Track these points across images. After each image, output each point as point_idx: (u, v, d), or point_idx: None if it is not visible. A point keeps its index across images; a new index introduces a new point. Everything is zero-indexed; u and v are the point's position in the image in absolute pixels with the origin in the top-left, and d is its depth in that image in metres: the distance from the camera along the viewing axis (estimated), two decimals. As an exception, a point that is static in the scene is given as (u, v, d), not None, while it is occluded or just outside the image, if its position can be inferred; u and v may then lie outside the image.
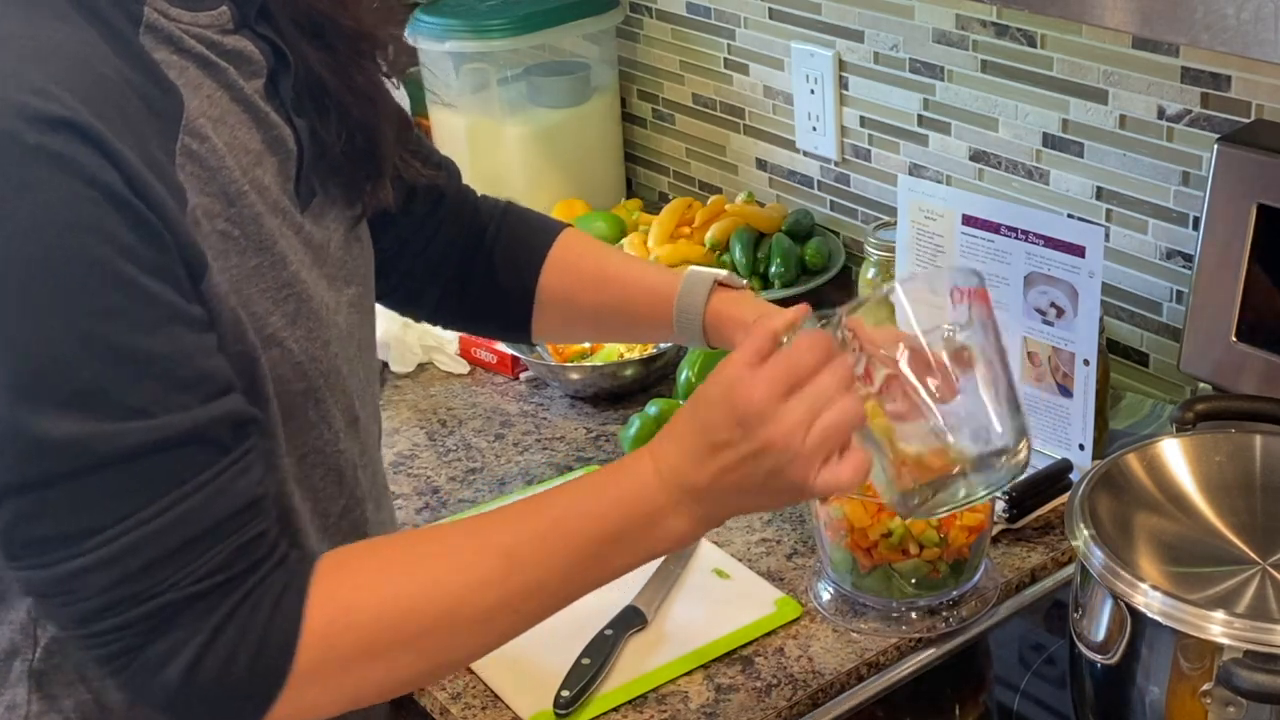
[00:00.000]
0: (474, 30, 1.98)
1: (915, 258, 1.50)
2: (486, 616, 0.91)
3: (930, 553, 1.22)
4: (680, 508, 0.93)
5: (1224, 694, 0.95)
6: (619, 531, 0.93)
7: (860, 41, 1.76)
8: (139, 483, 0.81)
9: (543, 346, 1.69)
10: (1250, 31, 0.86)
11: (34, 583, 0.83)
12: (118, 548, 0.81)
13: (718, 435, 0.91)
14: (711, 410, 0.92)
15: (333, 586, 0.89)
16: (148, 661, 0.84)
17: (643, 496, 0.93)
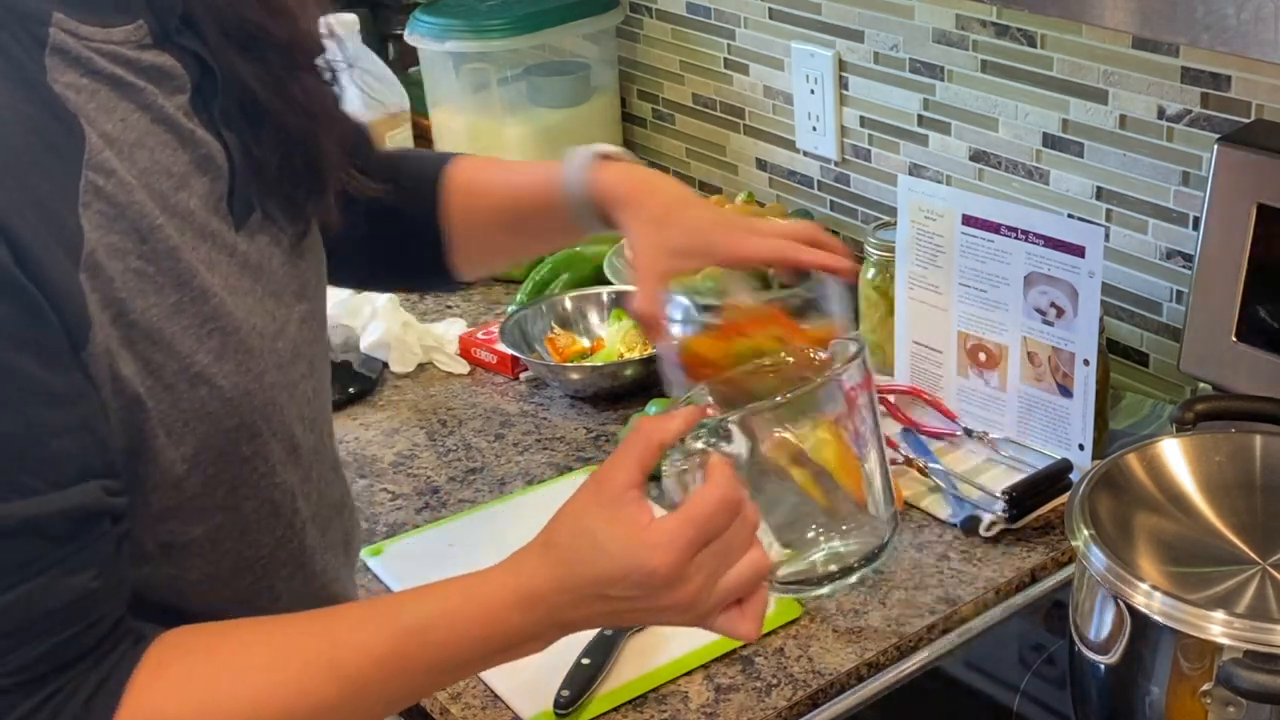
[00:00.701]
0: (474, 30, 1.98)
1: (915, 258, 1.50)
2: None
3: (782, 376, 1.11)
4: (545, 634, 0.91)
5: (1224, 694, 0.95)
6: (469, 659, 0.91)
7: (860, 41, 1.76)
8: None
9: (543, 346, 1.69)
10: (1250, 31, 0.86)
11: None
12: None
13: (612, 590, 0.89)
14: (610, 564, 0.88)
15: (148, 689, 0.83)
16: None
17: (505, 629, 0.90)
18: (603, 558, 0.89)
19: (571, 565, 0.89)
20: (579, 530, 0.90)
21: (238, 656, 0.87)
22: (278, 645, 0.88)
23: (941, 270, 1.48)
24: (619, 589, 0.89)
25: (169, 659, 0.85)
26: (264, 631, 0.90)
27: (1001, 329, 1.44)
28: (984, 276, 1.44)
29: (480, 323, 1.81)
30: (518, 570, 0.91)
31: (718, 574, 0.90)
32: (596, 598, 0.89)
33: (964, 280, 1.46)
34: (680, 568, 0.88)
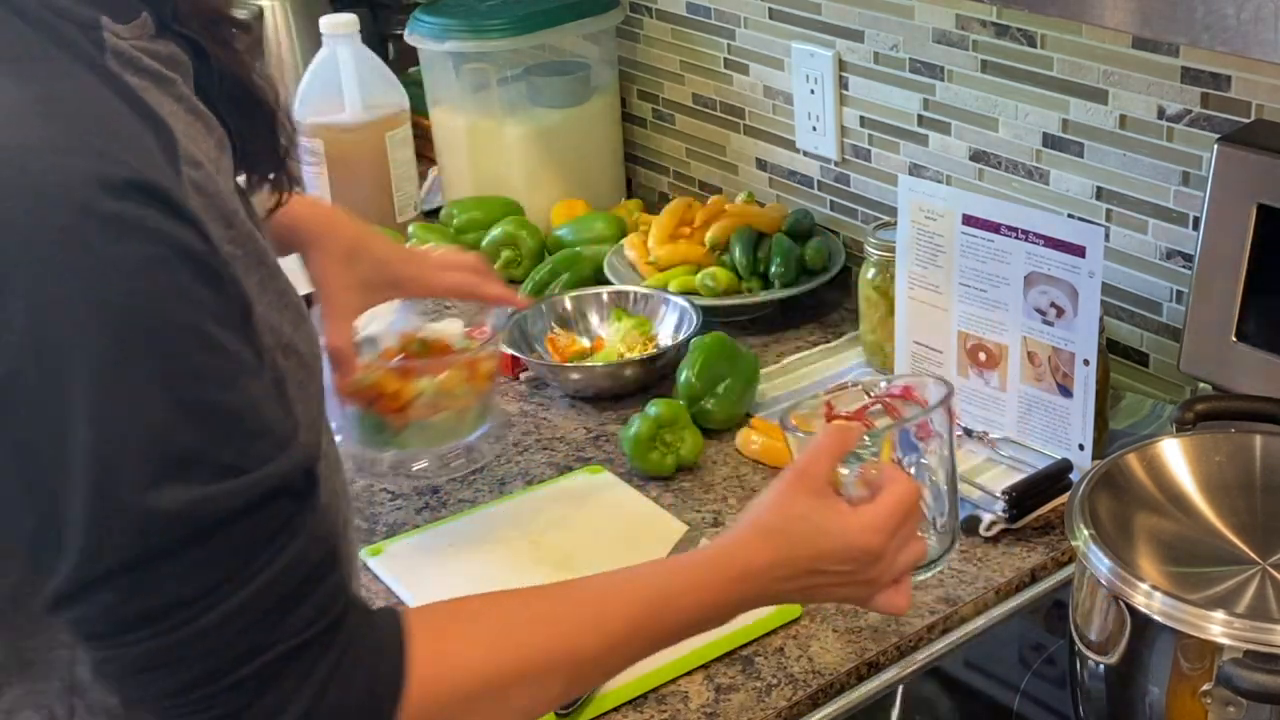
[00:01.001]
0: (474, 30, 1.98)
1: (915, 257, 1.50)
2: (573, 683, 0.96)
3: (462, 401, 1.36)
4: (756, 604, 1.02)
5: (1224, 694, 0.95)
6: (697, 625, 1.00)
7: (860, 41, 1.76)
8: (242, 540, 0.80)
9: (543, 346, 1.69)
10: (1250, 31, 0.86)
11: (141, 657, 0.80)
12: (230, 606, 0.80)
13: (828, 565, 1.01)
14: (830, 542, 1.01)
15: (435, 637, 0.89)
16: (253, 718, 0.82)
17: (729, 599, 1.00)
18: (823, 537, 1.01)
19: (792, 545, 1.01)
20: (793, 515, 1.02)
21: (507, 613, 0.94)
22: (547, 608, 0.96)
23: (941, 270, 1.48)
24: (834, 564, 1.01)
25: (437, 617, 0.92)
26: (515, 595, 0.97)
27: (1001, 329, 1.44)
28: (984, 276, 1.44)
29: (479, 323, 1.81)
30: (743, 548, 1.01)
31: (899, 556, 1.03)
32: (811, 573, 1.01)
33: (964, 280, 1.46)
34: (884, 547, 1.01)
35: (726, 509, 1.43)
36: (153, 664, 0.80)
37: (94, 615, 0.79)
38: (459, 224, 1.98)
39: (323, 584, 0.84)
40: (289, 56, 2.22)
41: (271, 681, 0.82)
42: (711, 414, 1.54)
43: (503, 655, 0.91)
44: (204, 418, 0.78)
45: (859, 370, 1.67)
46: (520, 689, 0.91)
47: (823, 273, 1.78)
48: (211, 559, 0.79)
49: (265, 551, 0.80)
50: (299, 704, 0.82)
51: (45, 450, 0.76)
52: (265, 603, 0.81)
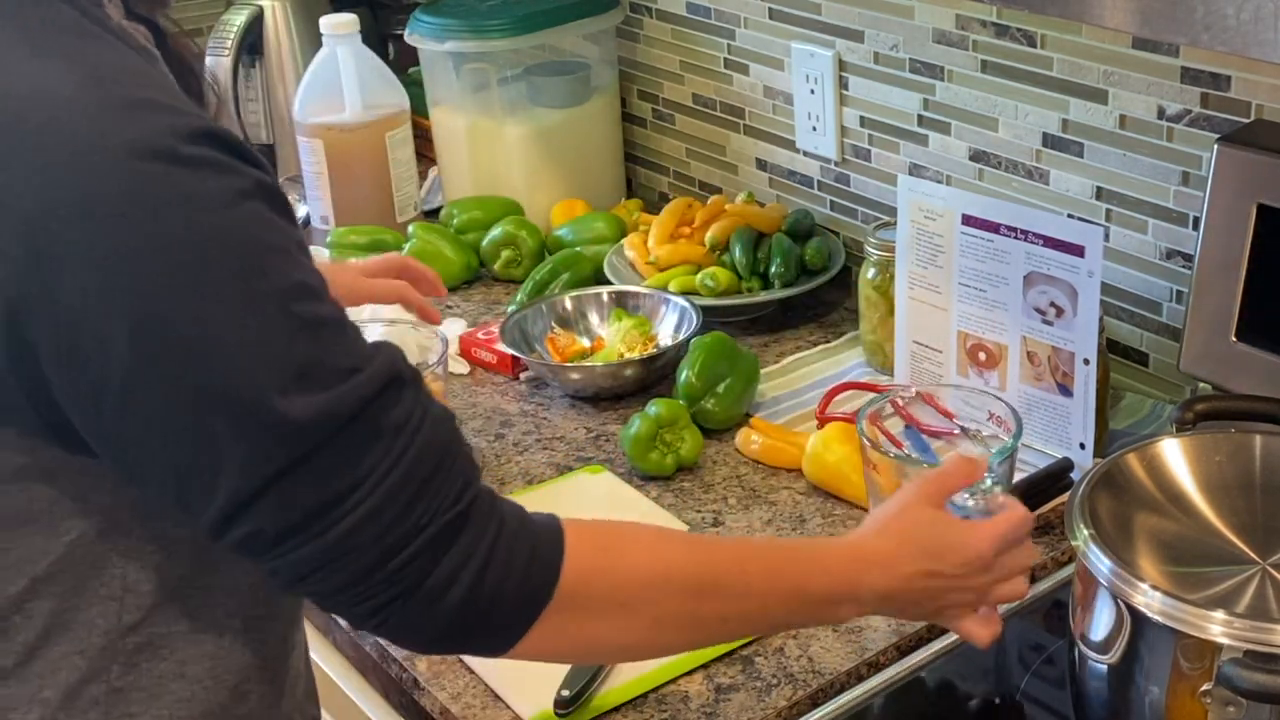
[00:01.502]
0: (474, 30, 1.98)
1: (915, 257, 1.50)
2: (715, 618, 1.00)
3: None
4: (864, 604, 1.05)
5: (1224, 694, 0.95)
6: (820, 600, 1.03)
7: (860, 41, 1.76)
8: (375, 430, 0.85)
9: (543, 346, 1.69)
10: (1250, 31, 0.86)
11: (309, 558, 0.85)
12: (381, 495, 0.85)
13: (944, 565, 1.05)
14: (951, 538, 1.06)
15: (593, 534, 0.96)
16: (430, 591, 0.87)
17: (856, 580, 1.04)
18: (945, 535, 1.06)
19: (915, 540, 1.05)
20: (914, 520, 1.07)
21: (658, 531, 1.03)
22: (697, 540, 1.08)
23: (941, 270, 1.48)
24: (950, 565, 1.05)
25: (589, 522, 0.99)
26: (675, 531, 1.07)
27: (1001, 328, 1.44)
28: (983, 276, 1.44)
29: (480, 323, 1.81)
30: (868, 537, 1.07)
31: (1002, 576, 1.08)
32: (927, 574, 1.05)
33: (964, 280, 1.46)
34: (994, 558, 1.06)
35: (726, 509, 1.43)
36: (324, 561, 0.85)
37: (256, 529, 0.84)
38: (459, 224, 1.98)
39: (458, 460, 0.89)
40: (289, 56, 2.23)
41: (434, 559, 0.87)
42: (711, 414, 1.54)
43: (656, 564, 0.97)
44: (314, 329, 0.84)
45: (859, 371, 1.67)
46: (674, 599, 0.96)
47: (823, 273, 1.78)
48: (352, 455, 0.84)
49: (399, 438, 0.86)
50: (467, 573, 0.88)
51: (190, 382, 0.81)
52: (412, 485, 0.86)
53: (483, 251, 1.95)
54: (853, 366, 1.68)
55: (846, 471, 1.41)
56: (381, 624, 0.89)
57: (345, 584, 0.86)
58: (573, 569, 0.92)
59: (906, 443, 1.39)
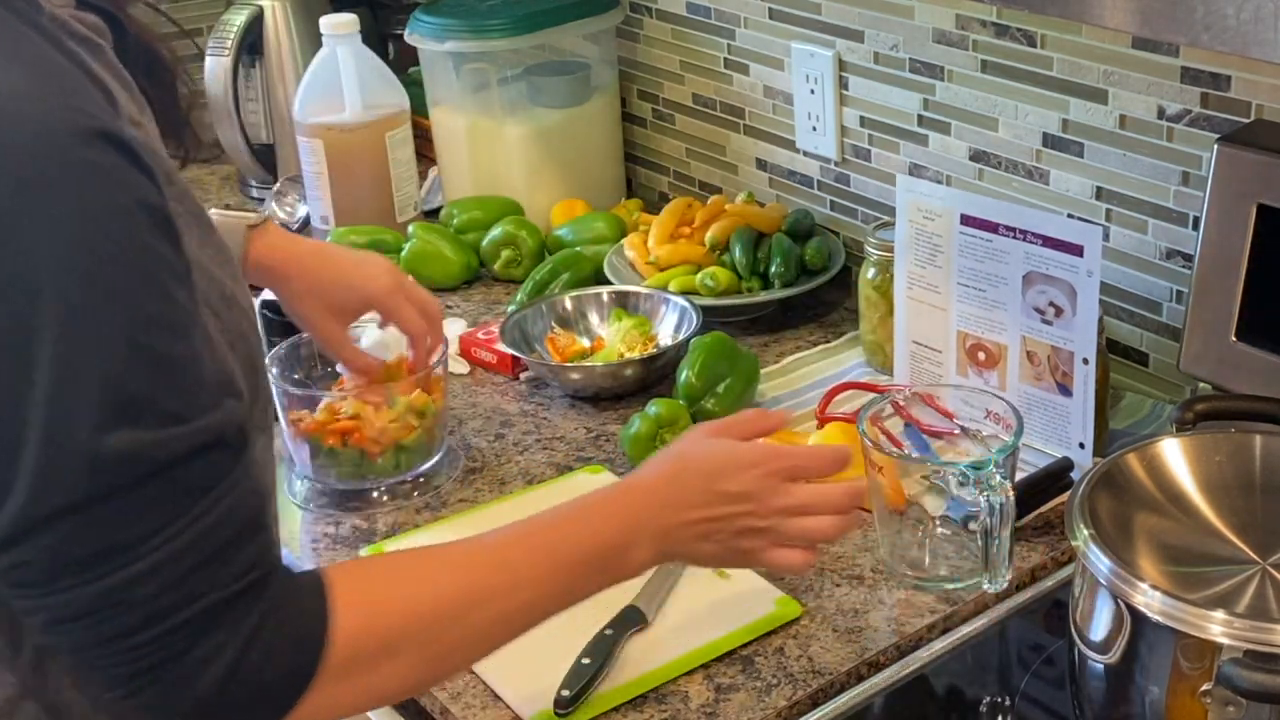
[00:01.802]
0: (474, 30, 1.98)
1: (914, 257, 1.50)
2: (490, 625, 0.98)
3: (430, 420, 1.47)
4: (647, 547, 1.04)
5: (1224, 694, 0.95)
6: (600, 558, 1.02)
7: (860, 41, 1.76)
8: (180, 488, 0.82)
9: (543, 346, 1.69)
10: (1250, 31, 0.86)
11: (74, 602, 0.82)
12: (165, 553, 0.82)
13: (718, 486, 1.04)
14: (733, 469, 1.05)
15: (355, 588, 0.92)
16: (185, 670, 0.84)
17: (626, 527, 1.03)
18: (719, 459, 1.06)
19: (688, 470, 1.05)
20: (688, 453, 1.07)
21: (419, 561, 1.00)
22: (449, 550, 1.01)
23: (940, 270, 1.48)
24: (729, 486, 1.05)
25: (356, 568, 0.99)
26: (428, 548, 1.02)
27: (1000, 328, 1.44)
28: (983, 276, 1.44)
29: (480, 323, 1.81)
30: (640, 483, 1.07)
31: (803, 510, 1.07)
32: (705, 502, 1.04)
33: (963, 280, 1.46)
34: (779, 479, 1.05)
35: (726, 509, 1.43)
36: (92, 608, 0.82)
37: (31, 559, 0.80)
38: (459, 224, 1.98)
39: (255, 538, 0.86)
40: (289, 56, 2.22)
41: (201, 632, 0.84)
42: (711, 414, 1.54)
43: (420, 598, 0.94)
44: (156, 365, 0.81)
45: (859, 371, 1.67)
46: (441, 628, 0.95)
47: (823, 273, 1.78)
48: (149, 505, 0.81)
49: (201, 501, 0.83)
50: (227, 655, 0.85)
51: (6, 391, 0.78)
52: (198, 553, 0.83)
53: (483, 251, 1.95)
54: (853, 366, 1.68)
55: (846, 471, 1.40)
56: (132, 694, 0.84)
57: (104, 639, 0.83)
58: (340, 636, 0.89)
59: (907, 442, 1.40)
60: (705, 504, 1.05)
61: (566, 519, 1.04)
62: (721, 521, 1.05)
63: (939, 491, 1.29)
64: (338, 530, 1.43)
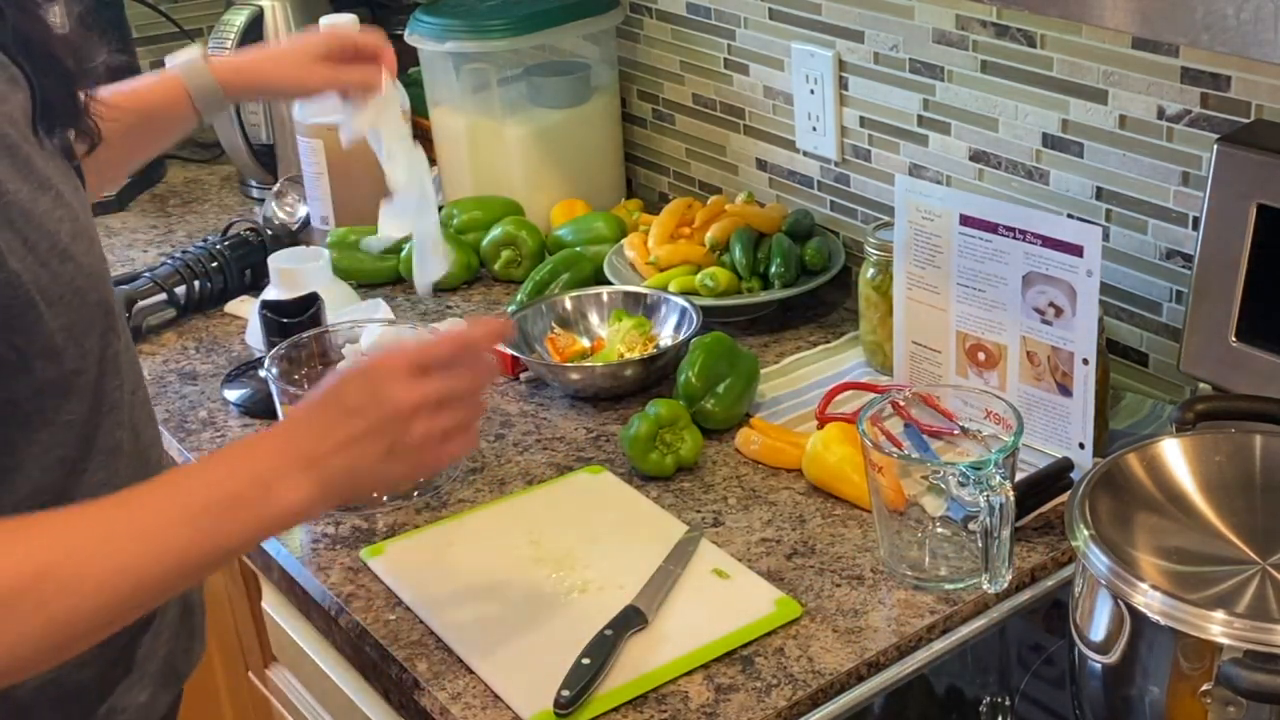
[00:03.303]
0: (474, 30, 1.98)
1: (913, 258, 1.50)
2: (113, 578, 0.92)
3: None
4: (295, 477, 0.98)
5: (1224, 694, 0.95)
6: (232, 499, 0.96)
7: (860, 41, 1.76)
8: None
9: (543, 346, 1.69)
10: (1250, 31, 0.86)
11: None
12: None
13: (346, 393, 1.02)
14: (344, 385, 1.03)
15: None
16: None
17: (260, 463, 0.99)
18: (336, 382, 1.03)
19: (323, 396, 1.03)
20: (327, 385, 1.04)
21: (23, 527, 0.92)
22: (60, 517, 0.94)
23: (940, 270, 1.48)
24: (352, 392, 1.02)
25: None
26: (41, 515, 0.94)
27: (1000, 329, 1.44)
28: (982, 276, 1.44)
29: (481, 323, 1.81)
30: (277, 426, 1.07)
31: (441, 402, 1.04)
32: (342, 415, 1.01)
33: (962, 280, 1.46)
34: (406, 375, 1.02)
35: (726, 509, 1.43)
36: None
37: None
38: (459, 224, 1.98)
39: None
40: (289, 56, 2.23)
41: None
42: (711, 414, 1.54)
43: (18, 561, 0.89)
44: None
45: (859, 371, 1.67)
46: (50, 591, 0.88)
47: (823, 273, 1.78)
48: None
49: None
50: None
51: None
52: None
53: (483, 251, 1.95)
54: (853, 367, 1.68)
55: (847, 472, 1.41)
56: None
57: None
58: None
59: (907, 443, 1.40)
60: (339, 423, 1.01)
61: (195, 467, 1.03)
62: (364, 438, 1.01)
63: (939, 491, 1.29)
64: (338, 530, 1.43)
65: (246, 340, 1.81)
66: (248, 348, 1.80)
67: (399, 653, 1.25)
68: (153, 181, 2.39)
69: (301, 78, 1.49)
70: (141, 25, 2.51)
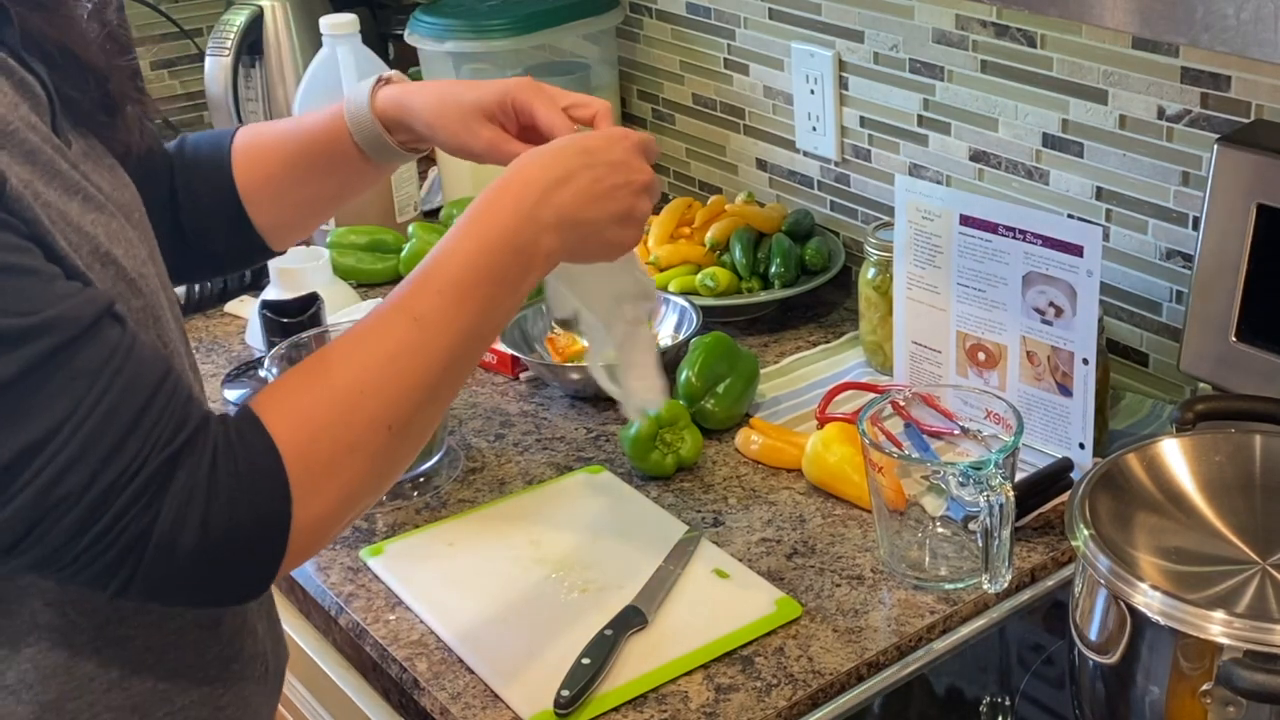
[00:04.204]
0: (474, 30, 1.98)
1: (913, 258, 1.50)
2: (421, 379, 0.97)
3: None
4: (553, 228, 1.05)
5: (1224, 694, 0.95)
6: (502, 268, 1.02)
7: (860, 41, 1.76)
8: (69, 374, 0.83)
9: (543, 346, 1.69)
10: (1250, 31, 0.86)
11: (17, 518, 0.82)
12: (82, 439, 0.82)
13: (569, 164, 1.08)
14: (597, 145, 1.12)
15: (279, 404, 0.92)
16: (161, 539, 0.85)
17: (511, 230, 1.03)
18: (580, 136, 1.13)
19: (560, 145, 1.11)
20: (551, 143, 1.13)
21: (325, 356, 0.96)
22: (349, 332, 0.98)
23: (940, 270, 1.48)
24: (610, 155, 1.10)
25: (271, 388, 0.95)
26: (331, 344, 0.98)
27: (1000, 329, 1.44)
28: (982, 276, 1.44)
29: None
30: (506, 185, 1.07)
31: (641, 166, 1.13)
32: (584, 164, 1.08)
33: (962, 280, 1.46)
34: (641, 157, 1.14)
35: (726, 509, 1.43)
36: (32, 522, 0.82)
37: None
38: (459, 224, 1.98)
39: (173, 398, 0.87)
40: (289, 56, 2.23)
41: (158, 497, 0.84)
42: (711, 414, 1.54)
43: (348, 389, 0.94)
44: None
45: (859, 371, 1.67)
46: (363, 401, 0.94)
47: (823, 273, 1.78)
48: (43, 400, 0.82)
49: (101, 375, 0.83)
50: (195, 509, 0.85)
51: None
52: (117, 428, 0.83)
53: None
54: (853, 367, 1.68)
55: (847, 471, 1.41)
56: (125, 583, 0.86)
57: (66, 541, 0.83)
58: (291, 454, 0.90)
59: (907, 443, 1.40)
60: (582, 167, 1.08)
61: (465, 226, 1.03)
62: (602, 187, 1.09)
63: (939, 491, 1.29)
64: (338, 530, 1.43)
65: (246, 340, 1.81)
66: (248, 348, 1.80)
67: (399, 653, 1.25)
68: (153, 181, 2.39)
69: (463, 138, 1.22)
70: (141, 25, 2.51)
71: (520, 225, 1.04)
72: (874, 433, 1.29)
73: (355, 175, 1.27)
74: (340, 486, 0.93)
